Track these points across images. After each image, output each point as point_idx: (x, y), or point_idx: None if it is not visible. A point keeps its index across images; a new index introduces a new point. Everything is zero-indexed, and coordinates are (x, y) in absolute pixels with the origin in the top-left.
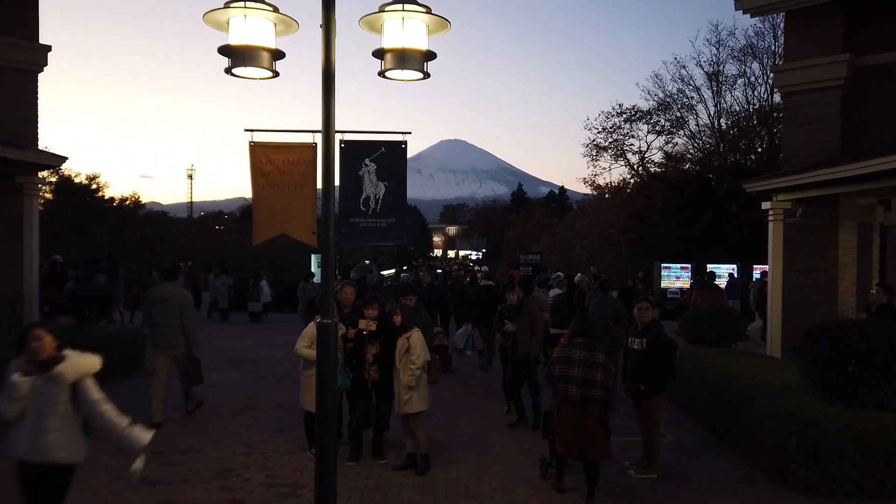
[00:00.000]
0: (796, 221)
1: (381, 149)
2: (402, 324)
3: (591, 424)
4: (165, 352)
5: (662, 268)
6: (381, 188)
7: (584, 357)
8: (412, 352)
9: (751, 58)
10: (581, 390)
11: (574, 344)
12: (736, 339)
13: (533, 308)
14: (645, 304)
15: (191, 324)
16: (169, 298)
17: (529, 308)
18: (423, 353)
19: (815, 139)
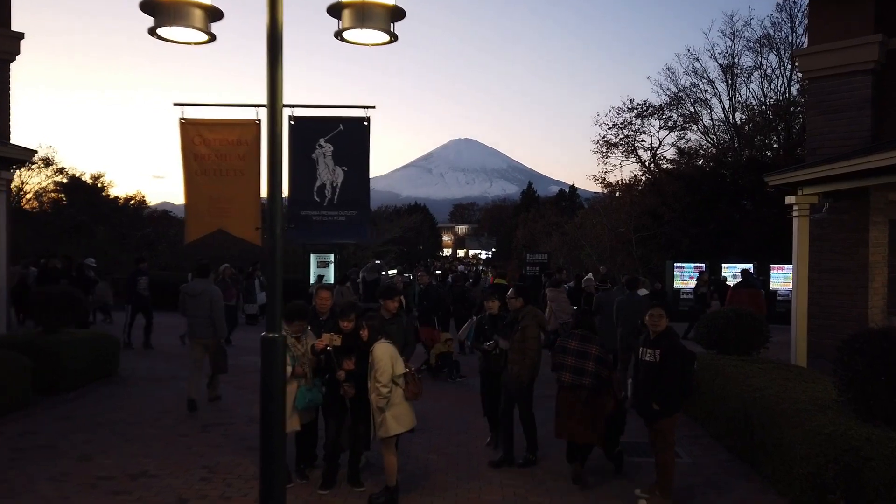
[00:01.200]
0: (822, 217)
1: (339, 127)
2: (369, 337)
3: (580, 410)
4: (199, 340)
5: (675, 267)
6: (339, 174)
7: (577, 347)
8: (376, 368)
9: (767, 49)
10: (572, 377)
11: (572, 335)
12: (759, 346)
13: (529, 324)
14: (658, 310)
15: (219, 316)
16: (201, 293)
17: (525, 323)
18: (390, 367)
19: (843, 128)
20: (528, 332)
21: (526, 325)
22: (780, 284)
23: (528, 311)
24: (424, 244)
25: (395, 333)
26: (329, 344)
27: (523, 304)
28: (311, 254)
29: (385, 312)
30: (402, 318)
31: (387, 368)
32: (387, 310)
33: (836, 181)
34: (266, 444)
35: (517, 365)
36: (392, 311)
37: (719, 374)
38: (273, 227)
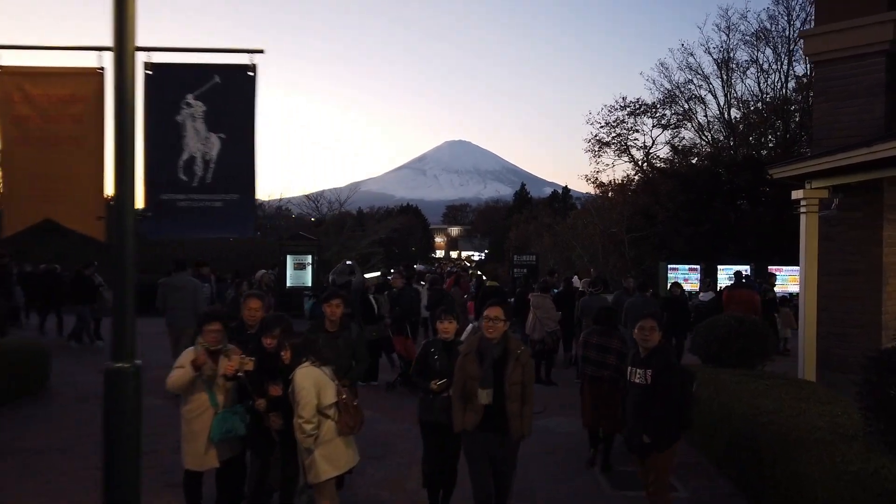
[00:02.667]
0: (831, 214)
1: (215, 78)
2: (291, 359)
3: (602, 402)
4: (184, 330)
5: (669, 269)
6: (215, 144)
7: (598, 342)
8: (296, 399)
9: (763, 43)
10: (593, 369)
11: (593, 331)
12: (765, 358)
13: (528, 360)
14: (650, 321)
15: (201, 306)
16: (184, 286)
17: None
18: (314, 397)
19: (853, 116)
20: (529, 371)
21: (525, 361)
22: (779, 287)
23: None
24: (417, 245)
25: (341, 349)
26: (239, 369)
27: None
28: (287, 254)
29: (329, 323)
30: (351, 330)
31: (309, 399)
32: (329, 318)
33: (849, 173)
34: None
35: (517, 420)
36: (335, 320)
37: (721, 392)
38: (121, 217)
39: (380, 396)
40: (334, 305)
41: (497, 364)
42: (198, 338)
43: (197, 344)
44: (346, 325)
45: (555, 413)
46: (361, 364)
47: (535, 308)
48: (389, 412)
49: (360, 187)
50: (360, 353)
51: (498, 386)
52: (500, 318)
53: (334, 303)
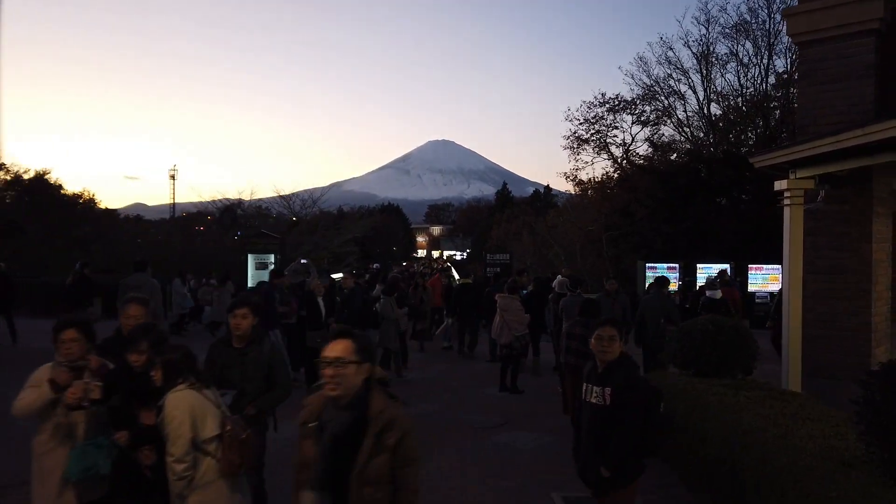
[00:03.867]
0: (817, 207)
1: None
2: (164, 381)
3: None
4: None
5: (647, 268)
6: None
7: (581, 332)
8: (166, 431)
9: (743, 36)
10: (575, 360)
11: (577, 322)
12: (748, 366)
13: (399, 432)
14: (609, 329)
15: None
16: (142, 286)
17: (382, 434)
18: (188, 429)
19: (840, 100)
20: (404, 453)
21: (400, 436)
22: (759, 286)
23: (387, 408)
24: (398, 245)
25: (249, 369)
26: (82, 398)
27: (358, 364)
28: (248, 254)
29: (235, 338)
30: (264, 345)
31: (182, 432)
32: (234, 332)
33: (838, 160)
34: None
35: None
36: (241, 333)
37: (697, 405)
38: None
39: None
40: (239, 316)
41: (341, 444)
42: None
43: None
44: (258, 339)
45: (518, 425)
46: (280, 389)
47: (501, 310)
48: None
49: (341, 187)
50: (278, 373)
51: (339, 485)
52: (348, 358)
53: (239, 313)
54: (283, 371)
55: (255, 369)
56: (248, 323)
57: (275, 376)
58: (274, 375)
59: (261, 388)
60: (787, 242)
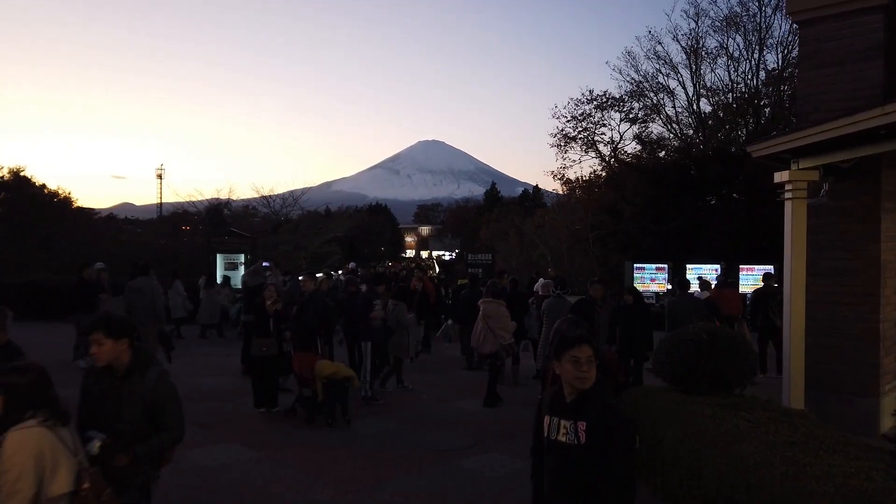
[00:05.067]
0: (820, 203)
1: None
2: (6, 411)
3: None
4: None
5: (635, 268)
6: None
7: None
8: (2, 480)
9: (734, 30)
10: None
11: (565, 320)
12: (745, 382)
13: None
14: (586, 348)
15: (160, 307)
16: (144, 288)
17: None
18: (31, 479)
19: (845, 84)
20: None
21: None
22: (751, 287)
23: None
24: (385, 245)
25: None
26: None
27: None
28: (217, 253)
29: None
30: (148, 375)
31: (19, 488)
32: (99, 356)
33: (847, 147)
34: None
35: None
36: (104, 364)
37: (689, 433)
38: None
39: (273, 427)
40: (94, 343)
41: None
42: None
43: None
44: (141, 367)
45: (490, 447)
46: (168, 434)
47: (485, 317)
48: (277, 449)
49: (331, 186)
50: (167, 413)
51: None
52: None
53: (93, 339)
54: (174, 409)
55: (133, 406)
56: (107, 350)
57: (162, 416)
58: (161, 415)
59: (141, 432)
60: (789, 241)
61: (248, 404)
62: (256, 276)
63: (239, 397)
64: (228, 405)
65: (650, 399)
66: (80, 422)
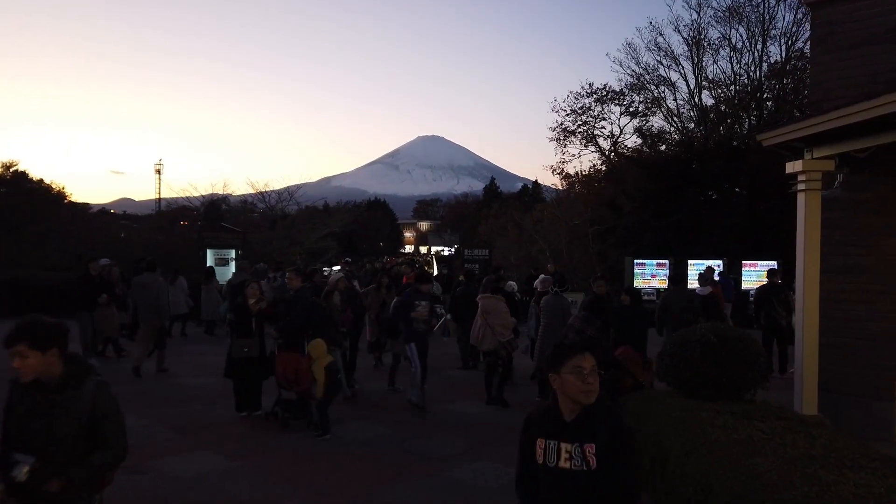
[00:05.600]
0: (833, 195)
1: None
2: None
3: None
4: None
5: (636, 264)
6: None
7: (578, 326)
8: None
9: (736, 21)
10: None
11: (577, 317)
12: (755, 387)
13: None
14: (589, 357)
15: (164, 303)
16: (149, 285)
17: None
18: None
19: (861, 68)
20: None
21: None
22: (754, 283)
23: None
24: (384, 240)
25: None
26: None
27: None
28: (207, 248)
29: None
30: (84, 388)
31: None
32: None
33: (867, 134)
34: None
35: None
36: (30, 378)
37: (698, 444)
38: None
39: (253, 433)
40: (15, 356)
41: None
42: None
43: None
44: (75, 378)
45: (484, 454)
46: (108, 454)
47: (484, 313)
48: (254, 457)
49: (330, 182)
50: (107, 431)
51: None
52: None
53: (13, 351)
54: (115, 426)
55: (66, 424)
56: (33, 364)
57: (102, 434)
58: (100, 433)
59: (76, 453)
60: (802, 235)
61: (230, 408)
62: (241, 272)
63: (222, 400)
64: (210, 408)
65: (654, 405)
66: (5, 444)
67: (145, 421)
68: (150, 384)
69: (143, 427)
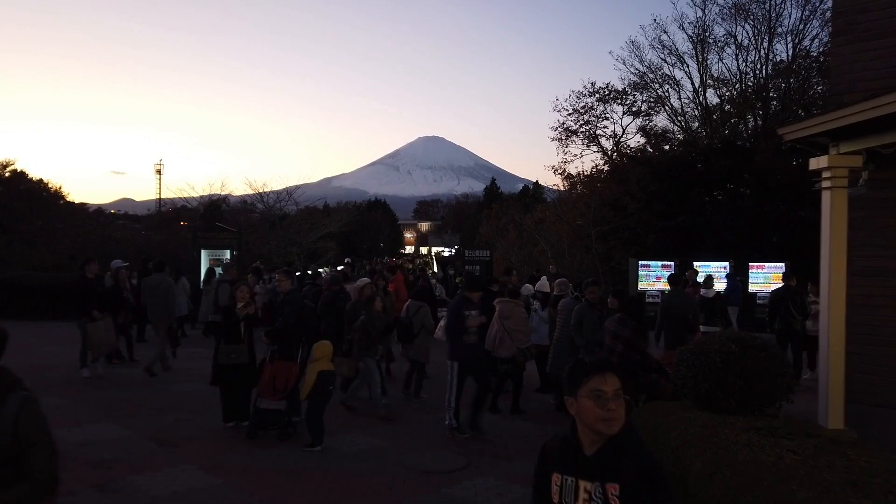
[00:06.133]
0: (858, 194)
1: None
2: None
3: None
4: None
5: (640, 266)
6: None
7: (613, 328)
8: None
9: (742, 18)
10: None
11: (612, 318)
12: (782, 399)
13: None
14: (611, 377)
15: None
16: (158, 286)
17: None
18: None
19: (886, 59)
20: None
21: None
22: (761, 286)
23: None
24: (385, 241)
25: None
26: None
27: None
28: (201, 249)
29: None
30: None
31: None
32: None
33: (893, 127)
34: None
35: None
36: None
37: (722, 464)
38: None
39: (240, 446)
40: None
41: None
42: None
43: None
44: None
45: (484, 469)
46: (36, 482)
47: (501, 318)
48: (240, 474)
49: (331, 182)
50: (33, 455)
51: None
52: None
53: None
54: (42, 449)
55: None
56: None
57: (26, 459)
58: (25, 458)
59: None
60: (827, 236)
61: (217, 417)
62: (227, 273)
63: (209, 408)
64: (197, 417)
65: (670, 419)
66: None
67: (127, 431)
68: (137, 390)
69: (123, 438)
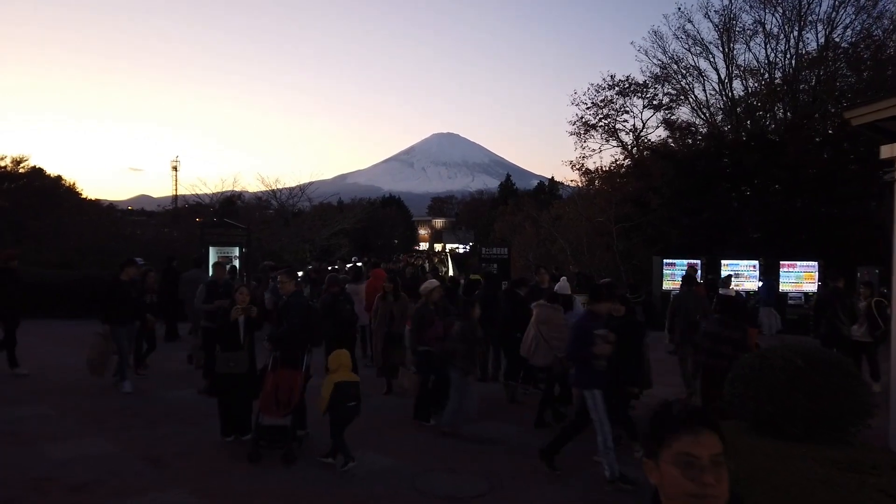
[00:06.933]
0: None
1: None
2: None
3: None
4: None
5: (665, 264)
6: None
7: (715, 331)
8: None
9: (771, 5)
10: (707, 359)
11: (712, 320)
12: (859, 423)
13: None
14: (710, 437)
15: None
16: (195, 280)
17: None
18: None
19: None
20: None
21: None
22: (792, 285)
23: None
24: (399, 238)
25: None
26: None
27: None
28: (210, 246)
29: None
30: None
31: None
32: None
33: None
34: None
35: None
36: None
37: None
38: None
39: (238, 465)
40: None
41: None
42: None
43: None
44: None
45: (509, 493)
46: None
47: (539, 323)
48: (235, 501)
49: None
50: None
51: None
52: None
53: None
54: None
55: None
56: None
57: None
58: None
59: None
60: None
61: (215, 429)
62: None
63: (209, 419)
64: (193, 430)
65: (729, 447)
66: None
67: (115, 447)
68: (133, 398)
69: (110, 456)
